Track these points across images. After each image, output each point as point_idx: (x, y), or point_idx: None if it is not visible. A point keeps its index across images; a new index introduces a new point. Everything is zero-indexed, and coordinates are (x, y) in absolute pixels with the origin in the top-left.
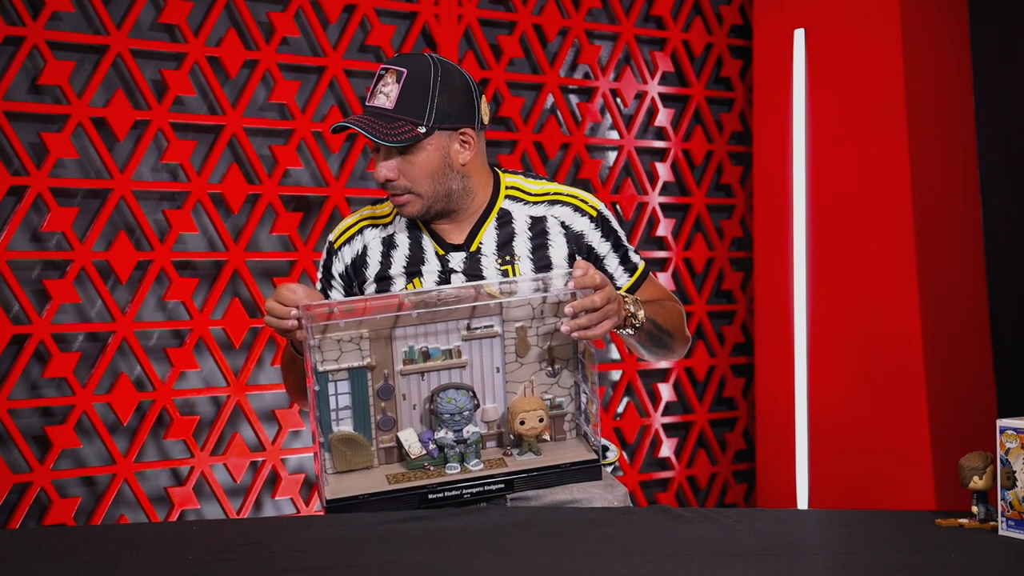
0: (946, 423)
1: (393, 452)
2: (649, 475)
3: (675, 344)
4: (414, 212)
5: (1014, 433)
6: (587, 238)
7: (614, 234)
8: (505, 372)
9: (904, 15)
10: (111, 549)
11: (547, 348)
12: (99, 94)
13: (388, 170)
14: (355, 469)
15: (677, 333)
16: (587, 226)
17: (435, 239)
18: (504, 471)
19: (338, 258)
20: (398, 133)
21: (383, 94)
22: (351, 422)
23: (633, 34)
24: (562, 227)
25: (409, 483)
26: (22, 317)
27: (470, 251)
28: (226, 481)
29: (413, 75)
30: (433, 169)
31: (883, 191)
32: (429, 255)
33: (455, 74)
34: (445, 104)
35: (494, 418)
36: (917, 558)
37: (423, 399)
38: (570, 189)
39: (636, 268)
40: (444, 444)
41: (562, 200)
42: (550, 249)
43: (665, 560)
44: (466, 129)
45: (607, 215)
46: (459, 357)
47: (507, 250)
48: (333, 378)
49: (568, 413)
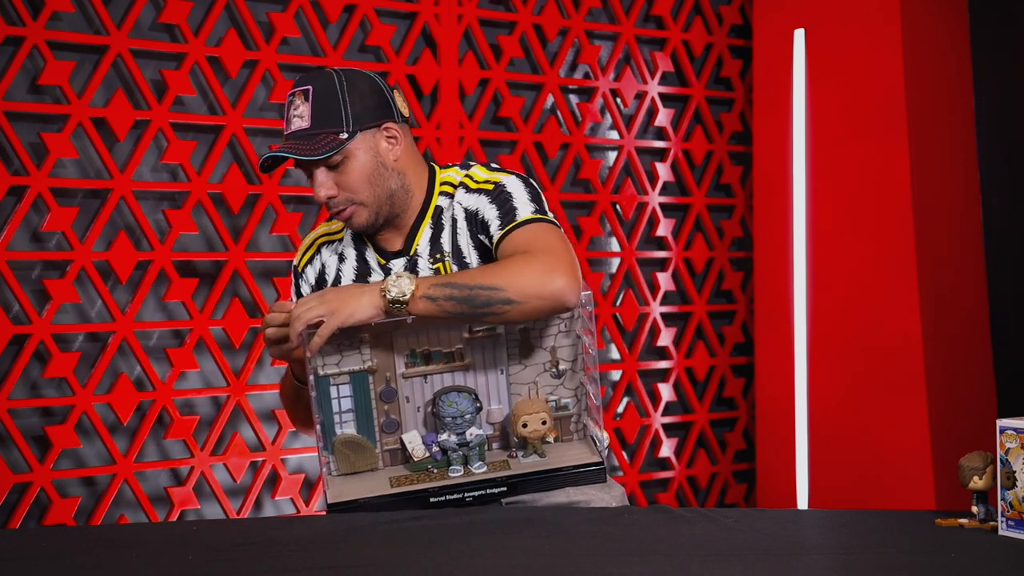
0: (946, 423)
1: (397, 454)
2: (649, 475)
3: (510, 293)
4: (363, 222)
5: (1014, 433)
6: (481, 212)
7: (504, 196)
8: (508, 374)
9: (904, 15)
10: (111, 549)
11: (550, 349)
12: (99, 94)
13: (326, 188)
14: (359, 471)
15: (506, 283)
16: (483, 202)
17: (376, 249)
18: (507, 474)
19: (304, 280)
20: (323, 145)
21: (297, 117)
22: (354, 425)
23: (633, 34)
24: (465, 212)
25: (411, 486)
26: (22, 317)
27: (409, 255)
28: (226, 481)
29: (320, 89)
30: (368, 172)
31: (883, 191)
32: (373, 265)
33: (360, 77)
34: (358, 106)
35: (499, 419)
36: (917, 558)
37: (426, 402)
38: (485, 175)
39: (514, 220)
40: (447, 447)
41: (470, 188)
42: (458, 237)
43: (665, 560)
44: (388, 124)
45: (507, 184)
46: (462, 359)
47: (437, 248)
48: (335, 382)
49: (574, 414)
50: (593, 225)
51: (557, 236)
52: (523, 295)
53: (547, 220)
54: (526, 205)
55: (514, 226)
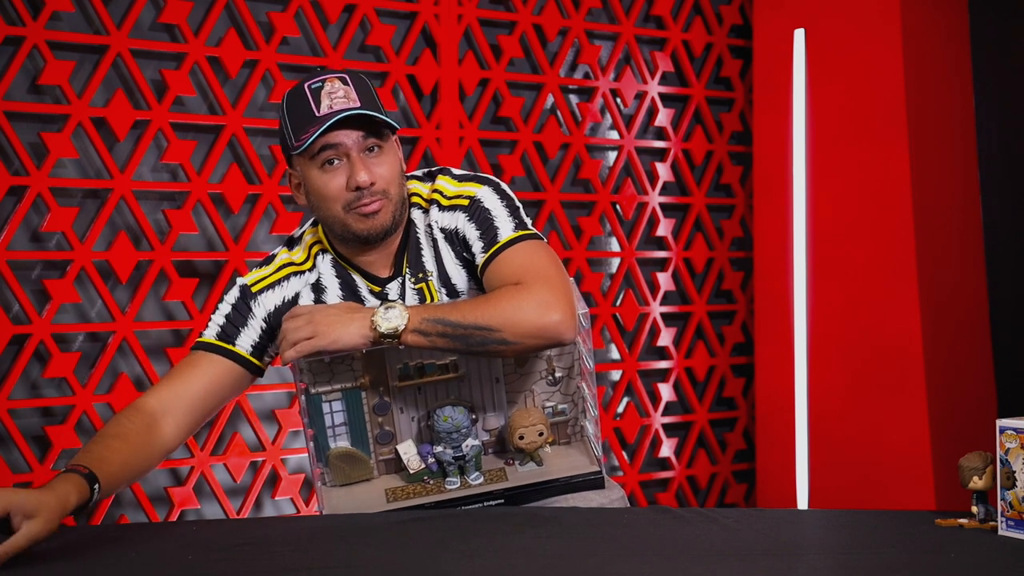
0: (946, 423)
1: (393, 463)
2: (649, 475)
3: (505, 335)
4: (387, 220)
5: (1014, 433)
6: (461, 231)
7: (482, 213)
8: (505, 382)
9: (904, 15)
10: (111, 549)
11: (546, 358)
12: (99, 94)
13: (368, 173)
14: (354, 482)
15: (501, 323)
16: (460, 219)
17: (365, 276)
18: (504, 486)
19: (257, 303)
20: (382, 122)
21: (340, 98)
22: (348, 438)
23: (633, 34)
24: (444, 233)
25: (408, 500)
26: (22, 317)
27: (402, 276)
28: (226, 481)
29: (356, 80)
30: (398, 171)
31: (883, 191)
32: (365, 294)
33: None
34: (385, 108)
35: (496, 426)
36: (917, 558)
37: (420, 415)
38: (455, 188)
39: (497, 241)
40: (443, 459)
41: (443, 205)
42: (443, 260)
43: (665, 560)
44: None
45: (481, 198)
46: (456, 371)
47: (419, 267)
48: (327, 399)
49: (571, 418)
50: (593, 225)
51: (545, 256)
52: (518, 335)
53: (530, 235)
54: (506, 222)
55: (498, 248)
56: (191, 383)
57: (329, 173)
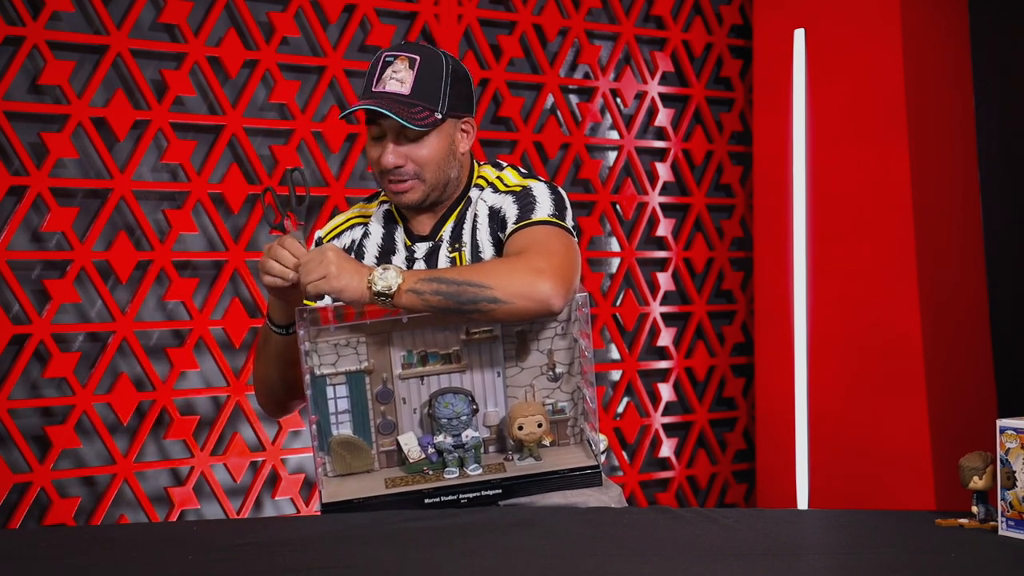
0: (946, 423)
1: (393, 456)
2: (649, 475)
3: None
4: (414, 199)
5: (1014, 433)
6: (503, 210)
7: (528, 198)
8: (505, 376)
9: (904, 15)
10: (111, 549)
11: (547, 352)
12: (99, 94)
13: (397, 157)
14: (355, 472)
15: (493, 282)
16: (507, 201)
17: (406, 231)
18: (502, 476)
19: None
20: (419, 118)
21: (395, 80)
22: (350, 426)
23: (633, 34)
24: (489, 210)
25: (407, 487)
26: (22, 317)
27: (434, 241)
28: (226, 481)
29: (426, 63)
30: (441, 156)
31: (883, 191)
32: (399, 246)
33: (461, 67)
34: (455, 94)
35: (495, 422)
36: (917, 558)
37: (422, 403)
38: (516, 180)
39: (528, 219)
40: (443, 449)
41: (498, 189)
42: (478, 232)
43: (665, 560)
44: (468, 118)
45: (534, 189)
46: (458, 361)
47: (457, 238)
48: (331, 382)
49: (571, 418)
50: (593, 225)
51: (562, 241)
52: (509, 295)
53: (561, 225)
54: (546, 208)
55: (525, 224)
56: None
57: (373, 143)
